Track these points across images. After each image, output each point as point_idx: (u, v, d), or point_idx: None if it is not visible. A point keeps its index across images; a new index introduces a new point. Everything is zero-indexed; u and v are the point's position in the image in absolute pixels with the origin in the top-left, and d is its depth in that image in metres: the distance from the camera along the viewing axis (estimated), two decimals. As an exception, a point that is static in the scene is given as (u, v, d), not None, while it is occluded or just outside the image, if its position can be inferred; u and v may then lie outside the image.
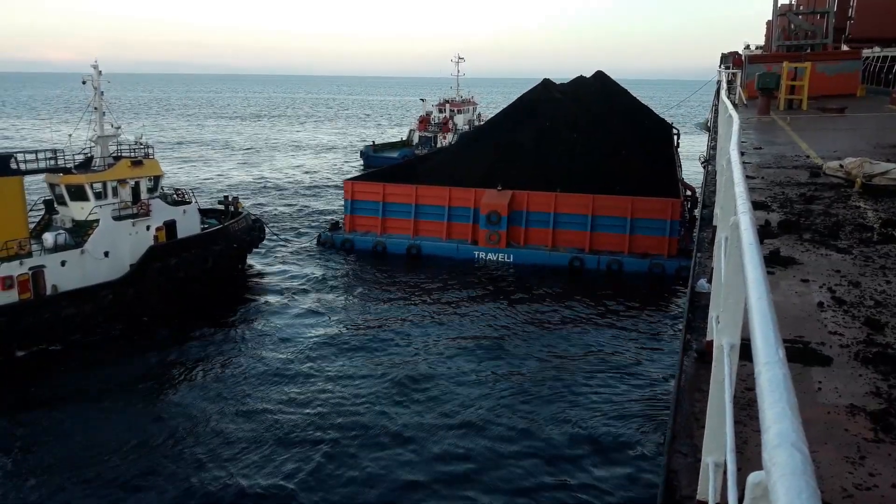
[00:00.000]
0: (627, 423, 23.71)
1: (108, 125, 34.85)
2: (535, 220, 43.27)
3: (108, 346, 30.30)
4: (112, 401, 25.49)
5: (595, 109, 51.89)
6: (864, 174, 13.46)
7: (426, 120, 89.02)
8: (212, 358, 29.18)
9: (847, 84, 38.42)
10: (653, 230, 41.29)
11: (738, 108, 31.85)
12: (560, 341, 31.07)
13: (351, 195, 46.83)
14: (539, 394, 25.73)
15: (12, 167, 29.61)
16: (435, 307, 35.47)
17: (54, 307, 29.21)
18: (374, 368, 27.83)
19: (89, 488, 20.10)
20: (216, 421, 23.75)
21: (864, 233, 10.31)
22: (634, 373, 27.64)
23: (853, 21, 46.18)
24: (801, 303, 7.47)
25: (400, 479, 20.44)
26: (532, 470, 20.94)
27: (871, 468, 4.51)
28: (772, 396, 2.11)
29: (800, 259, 9.01)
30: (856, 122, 27.09)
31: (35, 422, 24.17)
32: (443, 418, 23.81)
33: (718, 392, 3.87)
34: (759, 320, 2.68)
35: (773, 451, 1.84)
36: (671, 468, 4.74)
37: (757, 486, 2.11)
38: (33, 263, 29.23)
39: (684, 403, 5.59)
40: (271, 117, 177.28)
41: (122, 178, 33.84)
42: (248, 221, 41.72)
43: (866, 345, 6.37)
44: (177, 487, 20.06)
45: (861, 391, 5.52)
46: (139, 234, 33.97)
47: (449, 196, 44.37)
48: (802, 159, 17.51)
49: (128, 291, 32.17)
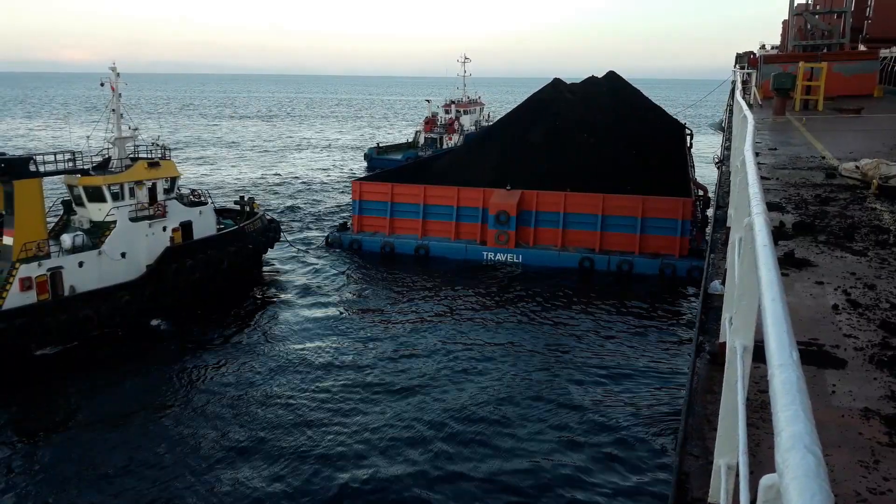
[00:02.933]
0: (638, 424, 23.61)
1: (125, 127, 35.23)
2: (544, 219, 42.98)
3: (124, 346, 30.62)
4: (129, 400, 25.76)
5: (606, 109, 51.74)
6: (881, 176, 13.34)
7: (432, 121, 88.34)
8: (226, 358, 29.40)
9: (864, 85, 38.02)
10: (664, 230, 40.85)
11: (753, 108, 31.63)
12: (570, 343, 30.97)
13: (359, 195, 46.80)
14: (548, 394, 25.68)
15: (31, 169, 30.02)
16: (443, 308, 35.48)
17: (72, 308, 29.55)
18: (383, 369, 27.89)
19: (104, 487, 20.34)
20: (231, 420, 23.94)
21: (879, 235, 10.22)
22: (645, 375, 27.51)
23: (871, 21, 45.69)
24: (816, 305, 7.43)
25: (405, 477, 20.48)
26: (542, 470, 20.91)
27: (885, 472, 4.49)
28: (785, 399, 2.12)
29: (815, 261, 8.96)
30: (872, 122, 26.81)
31: (52, 421, 24.50)
32: (450, 418, 23.83)
33: (731, 394, 3.87)
34: (773, 322, 2.69)
35: (786, 453, 1.85)
36: (683, 470, 4.74)
37: (769, 488, 2.12)
38: (51, 265, 29.59)
39: (696, 405, 5.59)
40: (282, 117, 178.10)
41: (139, 179, 34.17)
42: (264, 222, 41.94)
43: (881, 348, 6.33)
44: (195, 486, 20.26)
45: (875, 395, 5.50)
46: (156, 235, 34.29)
47: (457, 196, 44.22)
48: (818, 160, 17.38)
49: (144, 292, 32.49)
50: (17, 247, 28.65)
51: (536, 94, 54.34)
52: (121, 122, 34.95)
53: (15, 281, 28.13)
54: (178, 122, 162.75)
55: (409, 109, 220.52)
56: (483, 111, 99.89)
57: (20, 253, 28.61)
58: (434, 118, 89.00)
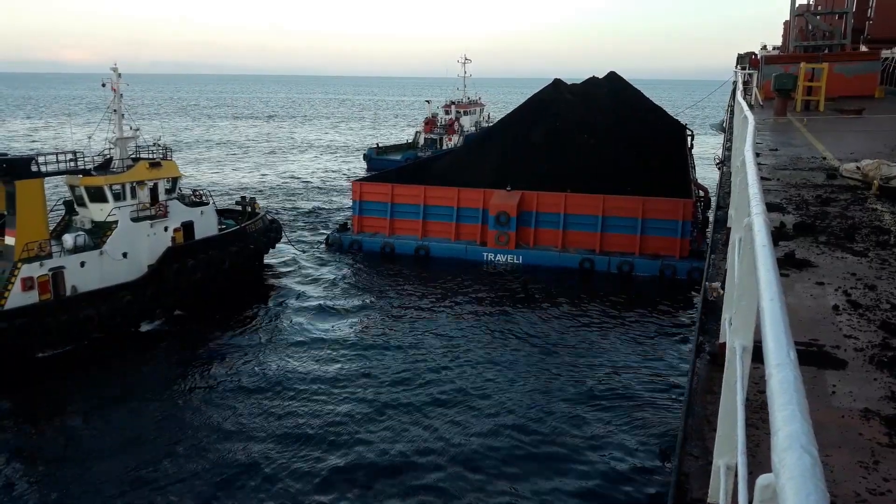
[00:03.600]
0: (639, 424, 23.59)
1: (126, 127, 35.27)
2: (544, 220, 42.95)
3: (125, 346, 30.64)
4: (129, 400, 25.80)
5: (607, 110, 51.70)
6: (882, 176, 13.32)
7: (432, 122, 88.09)
8: (227, 358, 29.42)
9: (865, 85, 37.96)
10: (664, 231, 40.82)
11: (754, 109, 31.63)
12: (569, 343, 30.95)
13: (359, 196, 46.77)
14: (548, 396, 25.66)
15: (33, 169, 30.06)
16: (443, 309, 35.45)
17: (74, 308, 29.58)
18: (383, 370, 27.87)
19: (104, 487, 20.36)
20: (232, 422, 23.96)
21: (880, 235, 10.21)
22: (645, 375, 27.49)
23: (872, 21, 45.65)
24: (816, 305, 7.43)
25: (404, 477, 20.49)
26: (542, 470, 20.91)
27: (885, 473, 4.48)
28: (782, 399, 2.12)
29: (815, 261, 8.95)
30: (874, 123, 26.78)
31: (53, 421, 24.54)
32: (449, 420, 23.83)
33: (730, 394, 3.87)
34: (771, 322, 2.69)
35: (783, 453, 1.84)
36: (682, 471, 4.74)
37: (766, 488, 2.12)
38: (53, 264, 29.63)
39: (696, 406, 5.59)
40: (284, 117, 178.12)
41: (141, 179, 34.20)
42: (265, 222, 41.96)
43: (882, 348, 6.33)
44: (195, 487, 20.28)
45: (876, 395, 5.49)
46: (157, 235, 34.32)
47: (458, 197, 44.17)
48: (819, 161, 17.36)
49: (146, 292, 32.51)
50: (19, 247, 28.69)
51: (537, 94, 54.30)
52: (122, 123, 35.00)
53: (17, 281, 28.17)
54: (179, 122, 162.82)
55: (410, 110, 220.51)
56: (483, 112, 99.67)
57: (22, 253, 28.65)
58: (434, 119, 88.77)
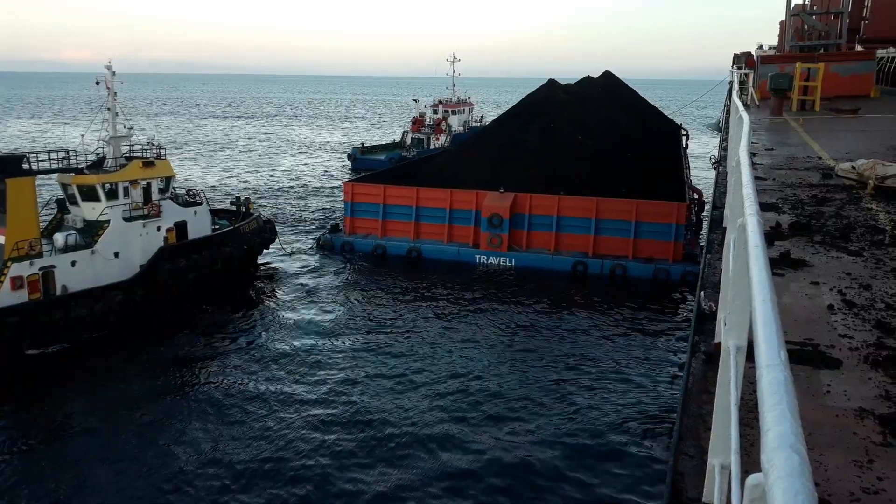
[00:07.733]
0: (634, 424, 23.58)
1: (120, 126, 35.10)
2: (537, 223, 42.58)
3: (116, 346, 30.49)
4: (119, 401, 25.63)
5: (602, 110, 51.70)
6: (877, 176, 13.33)
7: (420, 121, 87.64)
8: (218, 358, 29.30)
9: (861, 85, 38.12)
10: (658, 234, 40.48)
11: (750, 108, 31.68)
12: (563, 347, 30.83)
13: (351, 197, 46.42)
14: (542, 398, 25.61)
15: (25, 167, 29.88)
16: (435, 312, 35.20)
17: (64, 307, 29.38)
18: (374, 373, 27.64)
19: (98, 488, 20.25)
20: (223, 421, 23.84)
21: (875, 235, 10.21)
22: (639, 378, 27.43)
23: (867, 21, 45.84)
24: (811, 305, 7.41)
25: (401, 480, 20.43)
26: (537, 472, 20.87)
27: (879, 472, 4.46)
28: (772, 399, 2.10)
29: (810, 261, 8.94)
30: (869, 123, 26.87)
31: (42, 422, 24.39)
32: (443, 422, 23.74)
33: (724, 394, 3.85)
34: (763, 322, 2.67)
35: (772, 453, 1.83)
36: (678, 470, 4.72)
37: (755, 487, 2.10)
38: (44, 263, 29.42)
39: (691, 405, 5.57)
40: (278, 117, 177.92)
41: (134, 178, 33.98)
42: (260, 222, 41.76)
43: (876, 348, 6.31)
44: (186, 487, 20.18)
45: (870, 395, 5.47)
46: (150, 234, 34.13)
47: (450, 198, 43.80)
48: (814, 161, 17.39)
49: (137, 292, 32.31)
50: (9, 245, 28.48)
51: (531, 94, 54.27)
52: (116, 121, 34.84)
53: (6, 280, 27.99)
54: (174, 121, 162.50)
55: (400, 109, 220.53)
56: (473, 112, 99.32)
57: (12, 251, 28.44)
58: (422, 118, 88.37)
